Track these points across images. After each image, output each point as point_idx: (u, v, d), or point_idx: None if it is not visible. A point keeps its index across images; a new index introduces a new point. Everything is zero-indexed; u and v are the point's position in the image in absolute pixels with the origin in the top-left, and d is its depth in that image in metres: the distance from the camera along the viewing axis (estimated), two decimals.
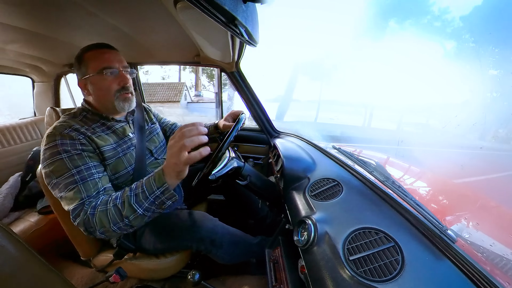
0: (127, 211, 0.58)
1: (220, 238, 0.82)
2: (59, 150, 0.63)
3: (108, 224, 0.59)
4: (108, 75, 0.73)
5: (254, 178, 0.89)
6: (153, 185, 0.58)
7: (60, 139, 0.65)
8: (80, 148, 0.66)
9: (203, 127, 0.57)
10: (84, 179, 0.64)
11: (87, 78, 0.73)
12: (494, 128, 3.33)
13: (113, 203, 0.60)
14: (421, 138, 4.58)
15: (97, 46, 0.75)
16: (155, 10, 0.71)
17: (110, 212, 0.60)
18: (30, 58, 1.35)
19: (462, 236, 0.50)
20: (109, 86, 0.74)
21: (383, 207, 0.59)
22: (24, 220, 1.14)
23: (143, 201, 0.58)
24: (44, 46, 1.14)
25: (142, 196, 0.58)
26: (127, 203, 0.59)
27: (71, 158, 0.64)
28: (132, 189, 0.61)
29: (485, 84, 5.48)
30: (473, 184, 0.84)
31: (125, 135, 0.82)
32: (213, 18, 0.39)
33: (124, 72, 0.76)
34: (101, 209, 0.61)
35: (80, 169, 0.64)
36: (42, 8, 0.70)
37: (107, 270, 0.83)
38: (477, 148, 2.79)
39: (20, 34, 0.92)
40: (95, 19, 0.77)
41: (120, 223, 0.59)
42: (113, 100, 0.76)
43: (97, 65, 0.72)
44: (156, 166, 0.93)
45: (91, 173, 0.66)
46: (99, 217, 0.60)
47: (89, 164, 0.67)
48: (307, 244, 0.55)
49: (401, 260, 0.44)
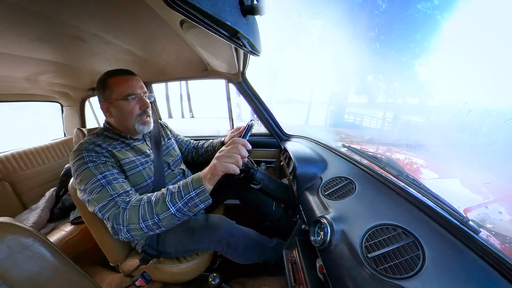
0: (159, 208, 0.61)
1: (235, 240, 0.85)
2: (85, 161, 0.70)
3: (137, 220, 0.62)
4: (131, 101, 0.80)
5: (268, 181, 0.91)
6: (189, 186, 0.62)
7: (86, 152, 0.72)
8: (104, 160, 0.73)
9: (247, 148, 0.63)
10: (110, 182, 0.69)
11: (111, 102, 0.80)
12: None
13: (147, 200, 0.64)
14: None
15: (120, 73, 0.81)
16: (163, 32, 0.77)
17: (143, 207, 0.63)
18: (59, 86, 1.51)
19: (485, 226, 0.47)
20: (131, 111, 0.81)
21: (399, 202, 0.57)
22: (59, 230, 1.24)
23: (177, 201, 0.61)
24: (70, 74, 1.27)
25: (178, 196, 0.61)
26: (162, 200, 0.62)
27: (96, 166, 0.70)
28: (168, 189, 0.64)
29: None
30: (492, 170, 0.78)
31: (143, 152, 0.89)
32: (217, 34, 0.42)
33: (144, 97, 0.84)
34: (134, 204, 0.64)
35: (105, 175, 0.70)
36: (67, 42, 0.79)
37: (133, 275, 0.87)
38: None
39: (50, 66, 1.05)
40: (112, 46, 0.86)
41: (149, 221, 0.62)
42: (134, 123, 0.83)
43: (122, 91, 0.79)
44: (173, 177, 0.98)
45: (116, 178, 0.71)
46: (130, 212, 0.63)
47: (112, 171, 0.72)
48: (324, 244, 0.55)
49: (422, 256, 0.43)
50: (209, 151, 1.22)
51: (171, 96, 10.42)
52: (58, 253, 0.58)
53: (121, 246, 0.90)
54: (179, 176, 1.02)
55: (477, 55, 35.21)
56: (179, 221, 0.65)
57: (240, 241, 0.85)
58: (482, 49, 35.18)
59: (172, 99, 10.55)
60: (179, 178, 1.01)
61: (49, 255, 0.56)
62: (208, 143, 1.25)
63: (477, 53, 35.17)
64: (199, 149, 1.26)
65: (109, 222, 0.66)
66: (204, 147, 1.24)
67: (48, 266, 0.55)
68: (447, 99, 23.33)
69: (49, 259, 0.56)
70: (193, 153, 1.27)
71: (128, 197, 0.68)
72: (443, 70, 26.28)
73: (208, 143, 1.25)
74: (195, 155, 1.26)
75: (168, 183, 0.94)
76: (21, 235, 0.52)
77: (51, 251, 0.57)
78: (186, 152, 1.26)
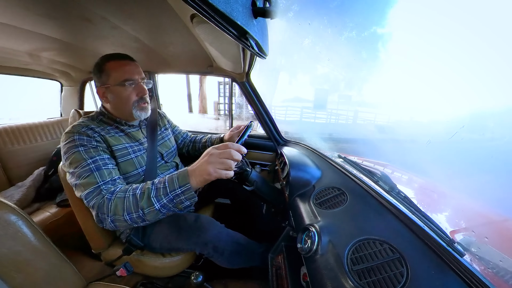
0: (144, 203, 0.60)
1: (223, 245, 0.83)
2: (76, 144, 0.69)
3: (122, 212, 0.61)
4: (128, 87, 0.78)
5: (261, 184, 0.91)
6: (175, 183, 0.60)
7: (77, 135, 0.70)
8: (95, 144, 0.72)
9: (242, 153, 0.62)
10: (99, 168, 0.68)
11: (107, 87, 0.79)
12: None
13: (132, 192, 0.63)
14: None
15: (118, 57, 0.79)
16: (173, 24, 0.76)
17: (128, 200, 0.62)
18: (61, 65, 1.48)
19: (470, 250, 0.48)
20: (128, 96, 0.79)
21: (389, 218, 0.58)
22: (43, 211, 1.22)
23: (162, 197, 0.60)
24: (73, 54, 1.25)
25: (163, 192, 0.60)
26: (146, 195, 0.61)
27: (87, 151, 0.69)
28: (154, 183, 0.63)
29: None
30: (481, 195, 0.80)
31: (136, 139, 0.87)
32: (226, 32, 0.42)
33: (142, 83, 0.82)
34: (119, 195, 0.63)
35: (95, 159, 0.68)
36: (74, 21, 0.78)
37: (115, 264, 0.86)
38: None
39: (54, 43, 1.03)
40: (119, 31, 0.85)
41: (133, 214, 0.61)
42: (131, 109, 0.81)
43: (119, 76, 0.77)
44: (166, 169, 0.97)
45: (106, 163, 0.70)
46: (115, 203, 0.62)
47: (103, 156, 0.71)
48: (310, 252, 0.55)
49: (405, 273, 0.43)
50: (207, 146, 1.21)
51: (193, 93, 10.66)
52: (40, 234, 0.57)
53: (105, 233, 0.88)
54: (172, 169, 1.00)
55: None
56: (164, 215, 0.64)
57: (227, 246, 0.84)
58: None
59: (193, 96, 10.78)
60: (172, 171, 1.00)
61: (31, 235, 0.55)
62: (206, 138, 1.24)
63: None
64: (196, 143, 1.24)
65: (93, 210, 0.65)
66: (202, 142, 1.23)
67: (29, 246, 0.54)
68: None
69: (31, 239, 0.54)
70: (190, 147, 1.25)
71: (114, 186, 0.67)
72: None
73: (206, 138, 1.24)
74: (191, 148, 1.25)
75: (160, 175, 0.93)
76: (4, 211, 0.51)
77: (33, 231, 0.55)
78: (182, 145, 1.24)
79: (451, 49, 37.51)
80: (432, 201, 0.89)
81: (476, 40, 36.98)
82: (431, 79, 30.24)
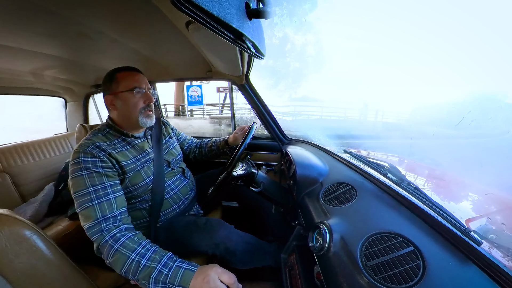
0: (142, 276, 0.61)
1: (234, 245, 0.84)
2: (80, 167, 0.70)
3: (120, 267, 0.62)
4: (136, 94, 0.82)
5: (268, 184, 0.90)
6: (177, 279, 0.61)
7: (83, 157, 0.71)
8: (100, 165, 0.72)
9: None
10: (100, 198, 0.68)
11: (116, 94, 0.82)
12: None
13: (137, 258, 0.63)
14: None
15: (129, 69, 0.85)
16: (169, 33, 0.77)
17: (130, 263, 0.62)
18: (63, 81, 1.52)
19: (488, 238, 0.46)
20: (136, 103, 0.83)
21: (400, 210, 0.57)
22: (56, 225, 1.24)
23: (159, 282, 0.61)
24: (75, 70, 1.28)
25: (163, 278, 0.61)
26: (148, 272, 0.61)
27: (89, 175, 0.70)
28: (160, 263, 0.63)
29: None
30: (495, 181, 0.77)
31: (143, 150, 0.89)
32: (222, 36, 0.43)
33: (149, 92, 0.86)
34: (123, 252, 0.63)
35: (97, 188, 0.69)
36: (73, 38, 0.80)
37: None
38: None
39: (56, 61, 1.06)
40: (118, 44, 0.87)
41: (130, 275, 0.62)
42: (137, 115, 0.84)
43: (129, 84, 0.82)
44: (172, 176, 0.98)
45: (107, 193, 0.70)
46: (117, 256, 0.62)
47: (105, 183, 0.71)
48: (323, 250, 0.54)
49: (422, 266, 0.42)
50: (213, 150, 1.24)
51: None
52: (54, 247, 0.58)
53: None
54: (178, 175, 1.01)
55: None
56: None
57: (238, 245, 0.85)
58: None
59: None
60: (179, 176, 1.01)
61: (45, 248, 0.55)
62: (212, 142, 1.26)
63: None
64: (202, 148, 1.27)
65: (95, 243, 0.66)
66: (208, 146, 1.25)
67: (44, 260, 0.55)
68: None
69: (45, 253, 0.55)
70: (196, 152, 1.27)
71: (115, 226, 0.67)
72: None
73: (212, 142, 1.26)
74: (198, 154, 1.27)
75: (168, 181, 0.94)
76: (18, 227, 0.52)
77: (48, 245, 0.56)
78: (188, 151, 1.26)
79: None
80: (444, 190, 0.87)
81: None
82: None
